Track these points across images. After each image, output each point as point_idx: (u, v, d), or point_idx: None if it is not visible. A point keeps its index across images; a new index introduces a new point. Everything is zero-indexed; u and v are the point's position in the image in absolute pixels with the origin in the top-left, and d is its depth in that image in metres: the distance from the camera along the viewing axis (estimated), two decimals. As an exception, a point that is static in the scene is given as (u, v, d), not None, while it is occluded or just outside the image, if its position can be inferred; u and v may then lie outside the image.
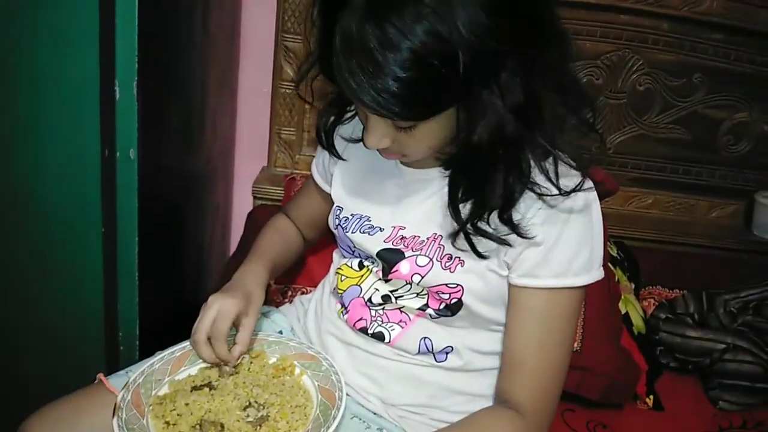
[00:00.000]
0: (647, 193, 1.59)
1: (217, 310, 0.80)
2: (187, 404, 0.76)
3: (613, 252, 1.37)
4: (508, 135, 0.67)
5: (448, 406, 0.84)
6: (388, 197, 0.85)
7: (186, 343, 0.88)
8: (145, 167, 1.00)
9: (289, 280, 1.22)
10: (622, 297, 1.24)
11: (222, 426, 0.74)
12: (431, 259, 0.79)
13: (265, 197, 1.50)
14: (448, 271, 0.77)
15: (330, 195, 0.93)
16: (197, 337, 0.80)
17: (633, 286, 1.36)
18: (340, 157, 0.88)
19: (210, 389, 0.79)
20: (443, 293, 0.79)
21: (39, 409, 0.82)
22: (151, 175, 1.04)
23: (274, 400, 0.78)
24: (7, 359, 1.12)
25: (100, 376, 0.88)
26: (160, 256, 1.15)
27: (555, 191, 0.72)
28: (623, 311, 1.23)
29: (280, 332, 0.97)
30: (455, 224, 0.74)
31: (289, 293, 1.22)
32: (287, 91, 1.48)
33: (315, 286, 1.08)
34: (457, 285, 0.78)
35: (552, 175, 0.72)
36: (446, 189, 0.77)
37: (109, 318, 1.07)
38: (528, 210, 0.74)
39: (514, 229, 0.72)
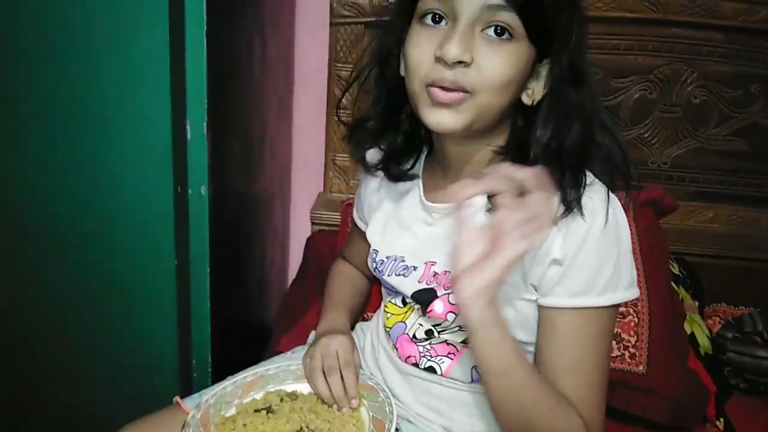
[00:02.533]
0: (707, 207, 1.55)
1: (335, 347, 0.85)
2: (244, 425, 0.80)
3: (675, 270, 1.34)
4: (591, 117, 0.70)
5: None
6: (418, 235, 0.85)
7: (257, 368, 0.92)
8: (214, 200, 1.05)
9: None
10: (687, 317, 1.22)
11: None
12: None
13: (322, 222, 1.53)
14: None
15: None
16: (314, 365, 0.85)
17: (697, 304, 1.33)
18: (388, 176, 0.89)
19: (268, 413, 0.82)
20: None
21: (121, 427, 0.87)
22: (219, 208, 1.08)
23: (324, 426, 0.81)
24: (87, 384, 1.17)
25: (177, 398, 0.92)
26: (228, 285, 1.19)
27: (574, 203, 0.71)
28: (689, 331, 1.21)
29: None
30: None
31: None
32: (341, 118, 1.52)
33: (374, 311, 1.10)
34: None
35: (580, 187, 0.71)
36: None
37: (182, 345, 1.11)
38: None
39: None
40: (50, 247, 1.08)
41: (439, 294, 0.80)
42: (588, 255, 0.71)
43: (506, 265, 0.63)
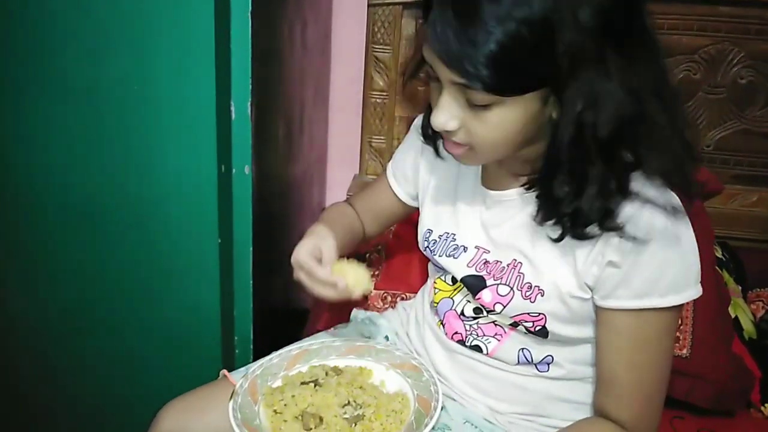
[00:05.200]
0: (751, 191, 1.51)
1: (312, 243, 0.80)
2: (293, 396, 0.81)
3: (718, 254, 1.32)
4: (628, 121, 0.63)
5: (554, 414, 0.85)
6: (472, 218, 0.85)
7: (302, 343, 0.94)
8: (257, 180, 1.06)
9: (388, 287, 1.26)
10: (732, 301, 1.20)
11: (321, 419, 0.79)
12: (512, 288, 0.78)
13: (358, 204, 1.54)
14: (529, 300, 0.76)
15: (397, 197, 0.97)
16: (298, 258, 0.79)
17: (740, 288, 1.31)
18: (438, 154, 0.87)
19: (315, 385, 0.84)
20: (526, 321, 0.78)
21: (170, 401, 0.90)
22: (261, 188, 1.09)
23: (371, 402, 0.81)
24: (132, 361, 1.21)
25: (224, 371, 0.94)
26: (269, 264, 1.20)
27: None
28: (732, 316, 1.19)
29: (386, 338, 1.00)
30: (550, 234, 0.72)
31: (389, 299, 1.25)
32: (377, 100, 1.52)
33: (413, 292, 1.11)
34: (540, 314, 0.77)
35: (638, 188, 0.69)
36: (526, 212, 0.76)
37: (225, 322, 1.14)
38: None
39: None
40: (96, 225, 1.10)
41: (488, 284, 0.80)
42: (649, 257, 0.69)
43: None
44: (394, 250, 1.30)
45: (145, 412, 0.92)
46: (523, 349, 0.82)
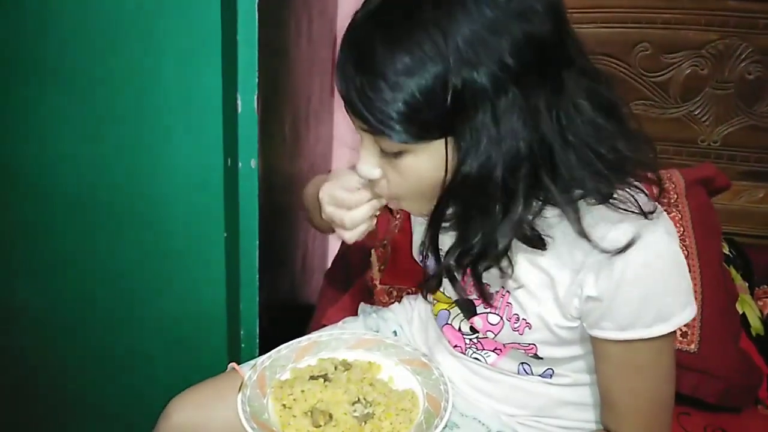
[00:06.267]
0: (758, 187, 1.51)
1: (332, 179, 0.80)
2: (302, 391, 0.80)
3: (725, 250, 1.32)
4: (501, 172, 0.61)
5: (562, 416, 0.84)
6: None
7: (311, 335, 0.93)
8: (263, 174, 1.06)
9: (393, 281, 1.25)
10: (739, 297, 1.20)
11: (330, 416, 0.78)
12: (501, 318, 0.77)
13: (363, 199, 1.54)
14: (518, 333, 0.75)
15: None
16: (323, 197, 0.78)
17: (747, 285, 1.30)
18: None
19: (325, 381, 0.83)
20: (518, 349, 0.78)
21: (178, 394, 0.90)
22: (268, 182, 1.09)
23: (381, 400, 0.81)
24: (136, 356, 1.20)
25: (233, 364, 0.94)
26: (275, 260, 1.20)
27: (588, 240, 0.64)
28: (740, 312, 1.18)
29: (395, 333, 1.00)
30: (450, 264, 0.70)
31: (395, 293, 1.25)
32: (383, 94, 1.51)
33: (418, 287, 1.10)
34: (530, 344, 0.76)
35: (577, 220, 0.64)
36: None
37: (231, 317, 1.13)
38: (565, 254, 0.68)
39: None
40: (102, 219, 1.10)
41: (478, 311, 0.79)
42: (627, 293, 0.66)
43: None
44: (400, 245, 1.29)
45: (151, 407, 0.91)
46: (522, 363, 0.81)
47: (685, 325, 1.08)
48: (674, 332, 0.70)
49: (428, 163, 0.65)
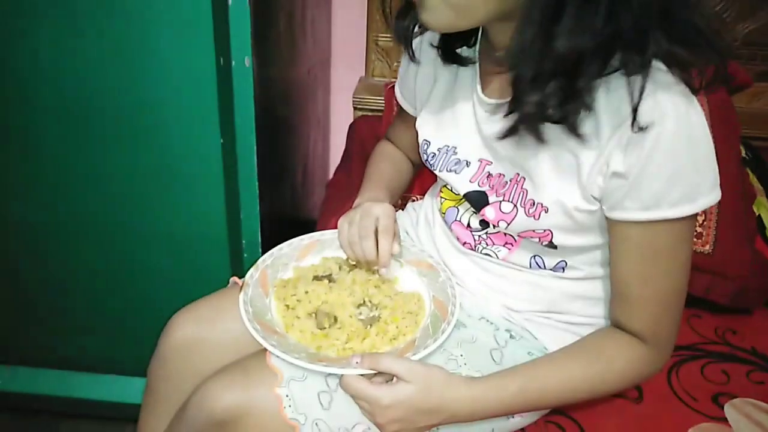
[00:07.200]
0: (778, 89, 1.45)
1: (377, 213, 0.81)
2: (306, 292, 0.78)
3: (742, 152, 1.27)
4: None
5: (571, 311, 0.83)
6: (472, 129, 0.80)
7: (313, 234, 0.90)
8: (258, 77, 0.99)
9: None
10: (756, 199, 1.16)
11: (335, 319, 0.76)
12: (515, 205, 0.74)
13: (365, 107, 1.48)
14: (533, 218, 0.73)
15: (415, 118, 0.90)
16: (352, 232, 0.81)
17: (762, 188, 1.26)
18: (413, 57, 0.83)
19: (329, 281, 0.81)
20: (533, 238, 0.75)
21: (180, 309, 0.88)
22: (263, 85, 1.03)
23: (388, 303, 0.79)
24: (138, 270, 1.18)
25: (234, 278, 0.92)
26: (275, 169, 1.16)
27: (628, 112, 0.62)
28: (756, 214, 1.15)
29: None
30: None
31: (399, 201, 1.21)
32: (384, -6, 1.42)
33: (423, 194, 1.07)
34: (545, 230, 0.73)
35: (635, 90, 0.61)
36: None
37: (232, 224, 1.10)
38: (601, 125, 0.65)
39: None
40: (93, 129, 1.05)
41: (490, 200, 0.77)
42: (657, 167, 0.64)
43: None
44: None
45: (154, 321, 0.90)
46: (534, 256, 0.80)
47: (699, 226, 1.05)
48: (695, 221, 0.68)
49: None
